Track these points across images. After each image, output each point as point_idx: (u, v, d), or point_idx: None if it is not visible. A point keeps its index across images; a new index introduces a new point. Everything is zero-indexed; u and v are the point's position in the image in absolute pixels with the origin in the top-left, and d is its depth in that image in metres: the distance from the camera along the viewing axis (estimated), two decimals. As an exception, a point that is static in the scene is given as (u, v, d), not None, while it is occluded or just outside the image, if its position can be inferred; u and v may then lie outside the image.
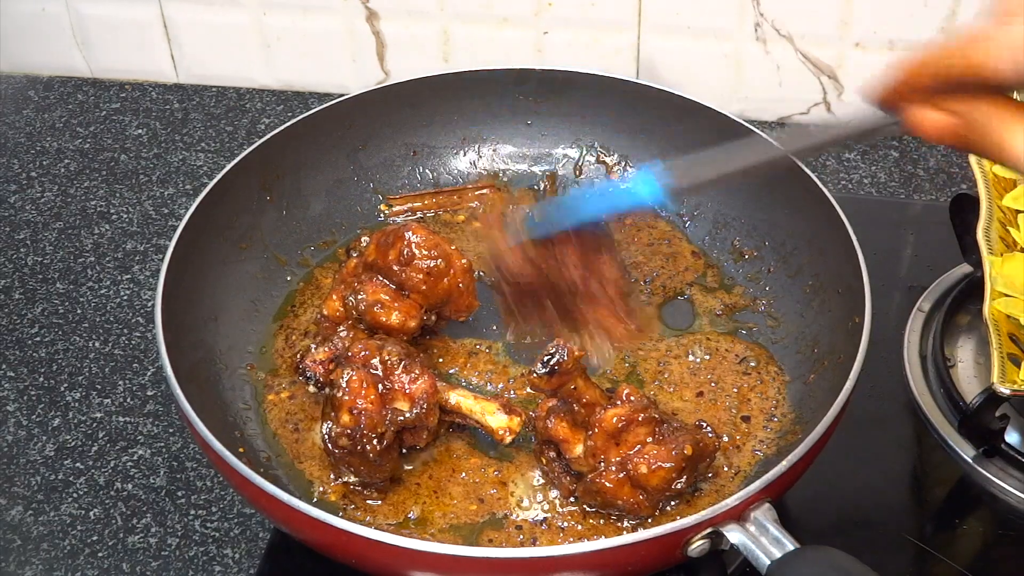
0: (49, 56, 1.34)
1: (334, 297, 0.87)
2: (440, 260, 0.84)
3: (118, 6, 1.27)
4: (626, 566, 0.68)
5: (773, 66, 1.18)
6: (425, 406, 0.77)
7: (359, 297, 0.84)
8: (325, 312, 0.87)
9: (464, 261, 0.86)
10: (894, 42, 1.14)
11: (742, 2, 1.14)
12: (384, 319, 0.84)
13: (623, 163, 1.04)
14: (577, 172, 1.05)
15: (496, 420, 0.80)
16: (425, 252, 0.84)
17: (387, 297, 0.84)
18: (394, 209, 1.02)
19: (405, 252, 0.83)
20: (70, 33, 1.31)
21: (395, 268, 0.84)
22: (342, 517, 0.74)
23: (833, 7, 1.13)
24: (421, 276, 0.84)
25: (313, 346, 0.84)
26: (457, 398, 0.80)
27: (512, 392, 0.86)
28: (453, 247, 0.85)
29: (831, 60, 1.17)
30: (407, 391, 0.77)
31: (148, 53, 1.31)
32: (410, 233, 0.84)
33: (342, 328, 0.84)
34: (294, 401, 0.86)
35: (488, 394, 0.84)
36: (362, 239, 0.91)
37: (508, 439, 0.79)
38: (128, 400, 0.95)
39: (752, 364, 0.88)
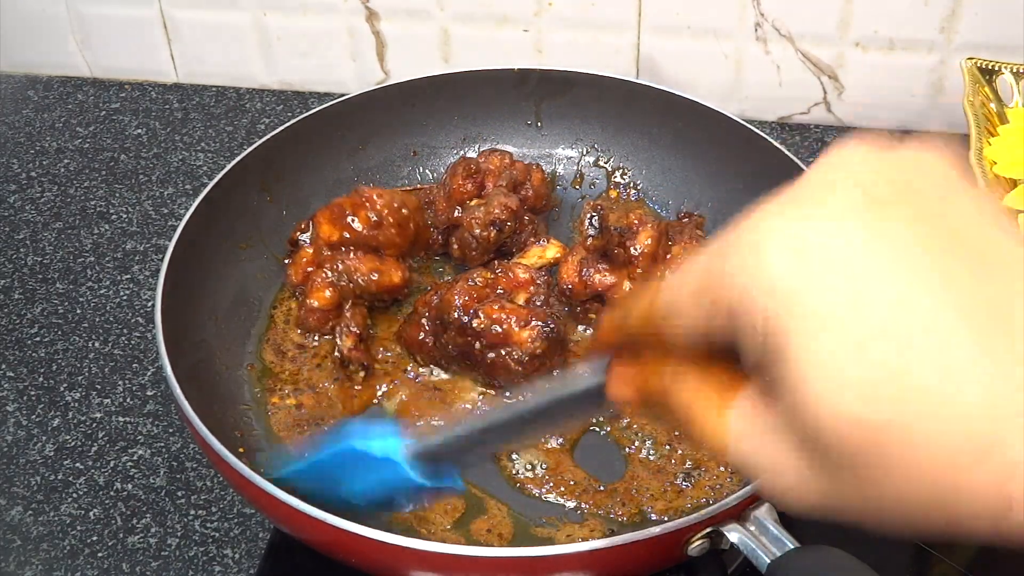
0: (49, 56, 1.34)
1: (318, 287, 0.88)
2: (404, 209, 0.90)
3: (118, 6, 1.27)
4: (626, 565, 0.68)
5: (773, 66, 1.18)
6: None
7: (356, 277, 0.87)
8: (316, 304, 0.88)
9: (414, 197, 0.92)
10: (894, 42, 1.14)
11: (742, 2, 1.14)
12: (388, 283, 0.88)
13: (622, 166, 1.04)
14: (578, 178, 1.05)
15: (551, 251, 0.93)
16: (391, 208, 0.89)
17: (378, 263, 0.88)
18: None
19: (373, 217, 0.88)
20: (70, 33, 1.31)
21: (368, 234, 0.88)
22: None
23: (833, 7, 1.13)
24: (395, 230, 0.89)
25: (337, 340, 0.86)
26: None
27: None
28: (399, 189, 0.92)
29: (831, 60, 1.17)
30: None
31: (148, 53, 1.31)
32: (375, 196, 0.89)
33: (346, 309, 0.88)
34: (303, 411, 0.85)
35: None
36: (300, 226, 0.93)
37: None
38: (128, 400, 0.95)
39: (752, 364, 0.88)
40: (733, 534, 0.67)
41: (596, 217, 0.83)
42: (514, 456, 0.81)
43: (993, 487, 0.34)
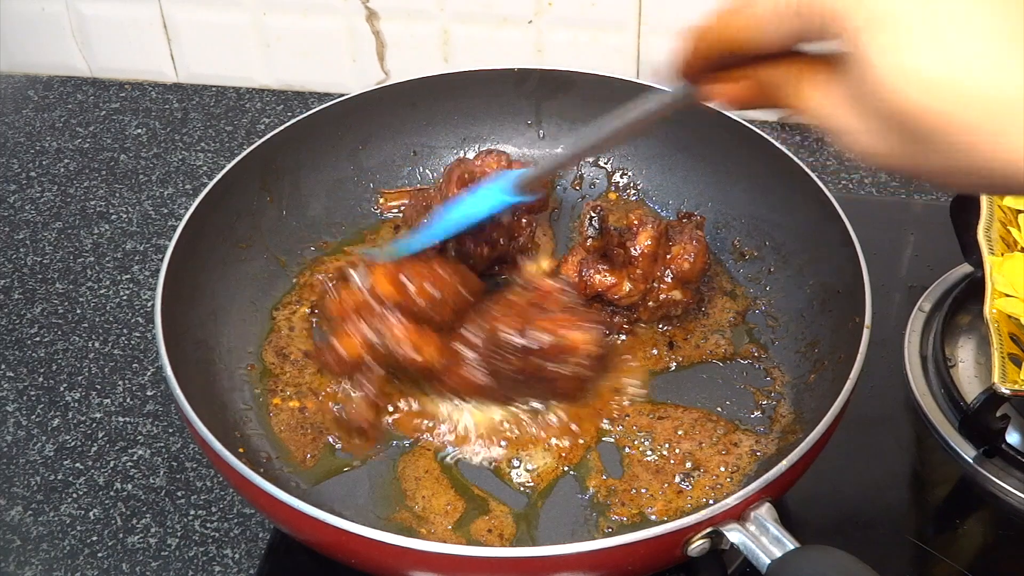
0: (49, 56, 1.34)
1: (351, 335, 0.82)
2: (470, 296, 0.83)
3: (118, 6, 1.27)
4: (626, 566, 0.68)
5: (773, 66, 1.18)
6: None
7: (392, 346, 0.81)
8: (341, 350, 0.82)
9: (478, 280, 0.85)
10: (894, 42, 1.14)
11: (742, 2, 1.14)
12: (418, 363, 0.82)
13: (622, 166, 1.04)
14: (578, 178, 1.05)
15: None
16: (453, 291, 0.83)
17: (417, 337, 0.82)
18: (388, 204, 1.02)
19: (436, 295, 0.82)
20: (70, 33, 1.31)
21: (423, 307, 0.82)
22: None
23: (833, 7, 1.13)
24: (449, 309, 0.82)
25: (348, 394, 0.82)
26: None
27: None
28: (469, 273, 0.85)
29: (831, 60, 1.17)
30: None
31: (148, 53, 1.31)
32: (444, 276, 0.82)
33: (368, 370, 0.82)
34: (305, 413, 0.85)
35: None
36: (353, 260, 0.86)
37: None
38: (128, 400, 0.95)
39: (752, 364, 0.88)
40: (733, 534, 0.67)
41: (596, 218, 0.83)
42: (515, 461, 0.81)
43: (1016, 155, 0.45)
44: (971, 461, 0.86)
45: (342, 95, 1.03)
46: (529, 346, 0.79)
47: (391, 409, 0.84)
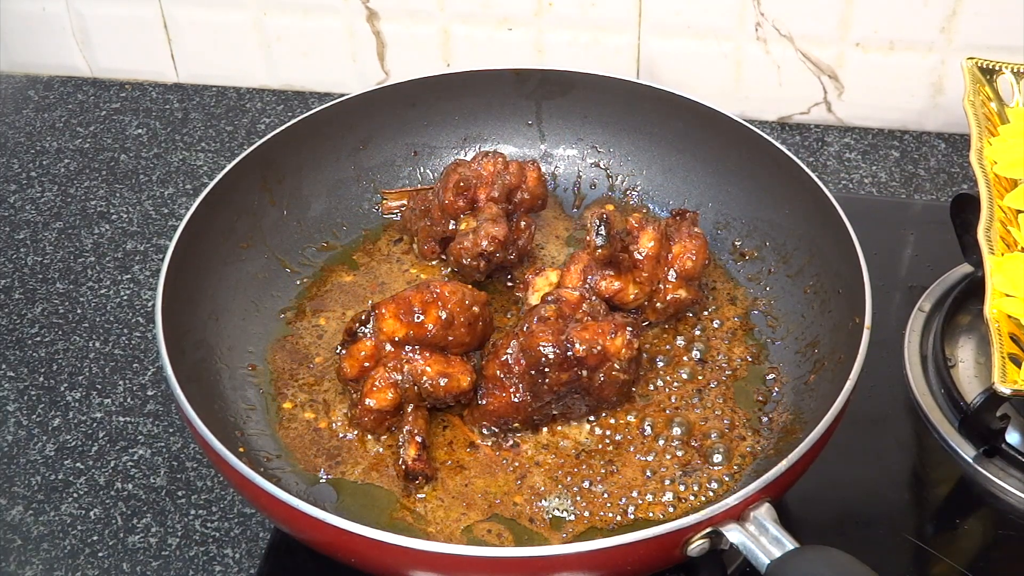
0: (49, 56, 1.34)
1: (379, 388, 0.81)
2: (475, 306, 0.83)
3: (118, 6, 1.27)
4: (626, 566, 0.68)
5: (773, 66, 1.18)
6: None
7: (424, 381, 0.81)
8: (374, 405, 0.81)
9: (482, 293, 0.85)
10: (894, 42, 1.14)
11: (742, 2, 1.14)
12: (457, 388, 0.81)
13: (622, 167, 1.04)
14: (578, 179, 1.05)
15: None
16: (462, 306, 0.82)
17: (445, 365, 0.82)
18: (389, 204, 1.02)
19: (444, 316, 0.81)
20: (70, 33, 1.31)
21: (437, 333, 0.81)
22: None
23: (833, 7, 1.13)
24: (465, 329, 0.82)
25: (400, 451, 0.80)
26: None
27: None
28: (468, 287, 0.84)
29: (831, 60, 1.17)
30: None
31: (148, 53, 1.31)
32: (447, 294, 0.81)
33: (408, 414, 0.82)
34: (306, 412, 0.85)
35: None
36: (360, 317, 0.83)
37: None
38: (128, 400, 0.95)
39: (752, 364, 0.88)
40: (733, 534, 0.67)
41: (602, 226, 0.82)
42: (515, 462, 0.82)
43: None
44: (971, 461, 0.86)
45: (342, 95, 1.03)
46: (568, 357, 0.78)
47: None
